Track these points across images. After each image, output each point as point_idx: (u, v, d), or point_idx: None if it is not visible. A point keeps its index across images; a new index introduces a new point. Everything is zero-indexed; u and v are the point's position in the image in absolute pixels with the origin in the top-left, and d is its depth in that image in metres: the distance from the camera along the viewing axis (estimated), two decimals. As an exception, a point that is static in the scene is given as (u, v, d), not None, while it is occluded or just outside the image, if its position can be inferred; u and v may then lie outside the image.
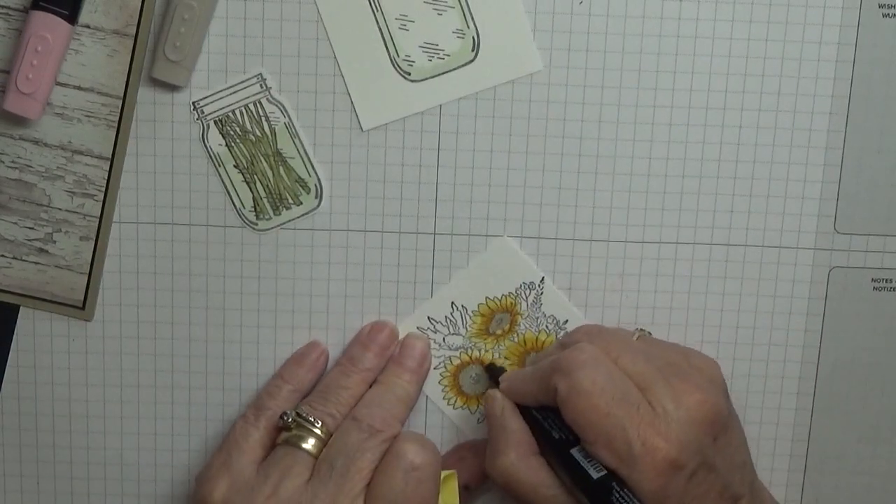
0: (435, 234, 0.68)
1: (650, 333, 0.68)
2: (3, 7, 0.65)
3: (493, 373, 0.68)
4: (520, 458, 0.62)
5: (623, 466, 0.60)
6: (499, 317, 0.68)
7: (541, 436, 0.63)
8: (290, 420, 0.64)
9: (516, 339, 0.69)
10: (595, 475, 0.60)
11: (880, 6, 0.65)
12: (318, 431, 0.64)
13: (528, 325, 0.68)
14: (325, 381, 0.67)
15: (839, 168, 0.67)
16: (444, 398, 0.69)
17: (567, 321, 0.68)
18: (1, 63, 0.65)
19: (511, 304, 0.68)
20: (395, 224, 0.68)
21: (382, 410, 0.65)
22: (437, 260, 0.68)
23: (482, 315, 0.68)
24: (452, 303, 0.68)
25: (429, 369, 0.69)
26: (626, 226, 0.67)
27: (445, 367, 0.69)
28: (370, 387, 0.67)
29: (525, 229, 0.68)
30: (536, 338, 0.69)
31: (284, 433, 0.65)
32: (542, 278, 0.68)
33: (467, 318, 0.68)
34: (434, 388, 0.69)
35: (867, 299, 0.68)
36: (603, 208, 0.67)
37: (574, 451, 0.61)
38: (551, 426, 0.62)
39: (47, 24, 0.63)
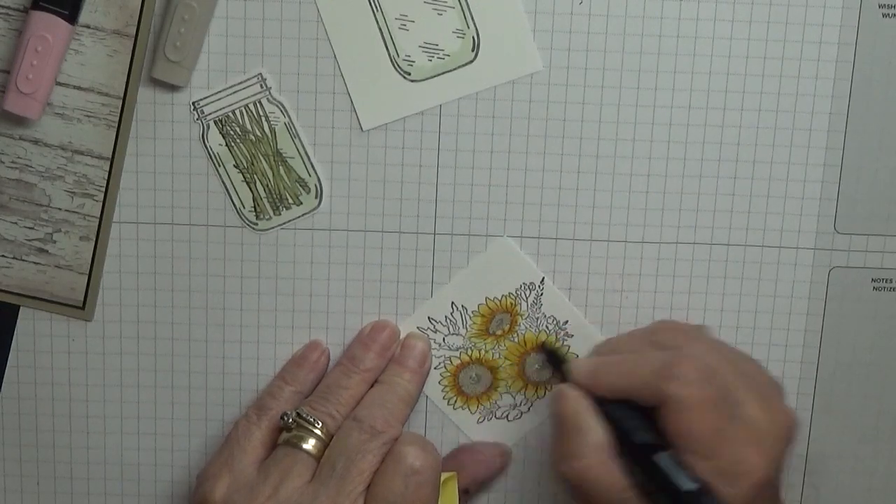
0: (435, 234, 0.68)
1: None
2: (3, 7, 0.65)
3: (555, 357, 0.66)
4: (600, 461, 0.60)
5: (722, 481, 0.59)
6: (499, 317, 0.68)
7: (617, 435, 0.61)
8: (290, 420, 0.64)
9: (516, 340, 0.69)
10: (685, 486, 0.59)
11: (880, 6, 0.65)
12: (318, 432, 0.64)
13: (528, 326, 0.68)
14: (325, 381, 0.67)
15: (839, 168, 0.67)
16: (444, 398, 0.69)
17: (567, 321, 0.68)
18: (1, 63, 0.65)
19: (511, 304, 0.68)
20: (395, 224, 0.68)
21: (384, 411, 0.65)
22: (437, 260, 0.68)
23: (482, 315, 0.68)
24: (452, 303, 0.68)
25: (430, 369, 0.68)
26: (626, 226, 0.67)
27: (445, 367, 0.69)
28: (371, 387, 0.67)
29: (525, 229, 0.68)
30: (536, 338, 0.69)
31: (285, 433, 0.64)
32: (542, 279, 0.68)
33: (467, 318, 0.68)
34: (434, 388, 0.69)
35: (867, 299, 0.68)
36: (603, 208, 0.67)
37: (662, 458, 0.59)
38: (633, 427, 0.60)
39: (47, 24, 0.63)
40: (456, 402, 0.69)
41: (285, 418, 0.64)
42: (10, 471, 0.70)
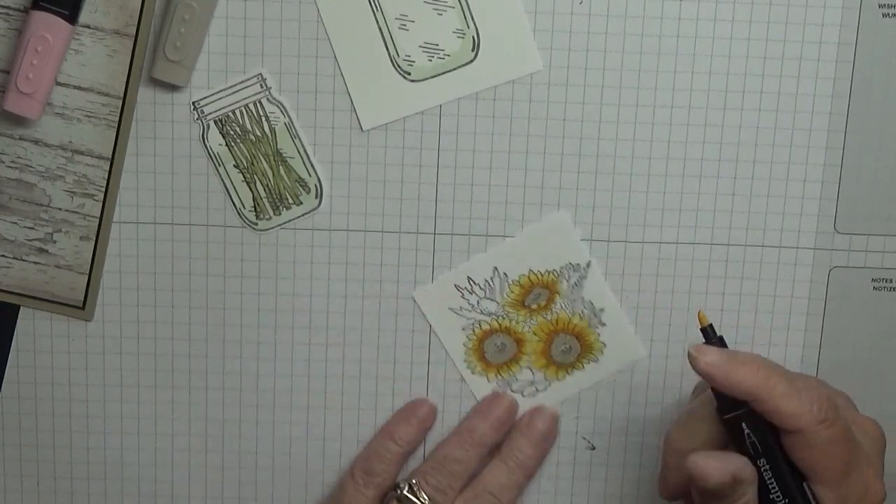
0: (435, 234, 0.68)
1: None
2: (3, 7, 0.65)
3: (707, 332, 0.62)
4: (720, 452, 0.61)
5: None
6: (537, 291, 0.68)
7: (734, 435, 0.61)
8: (400, 493, 0.66)
9: (549, 317, 0.68)
10: None
11: (880, 6, 0.65)
12: None
13: (563, 306, 0.68)
14: (441, 451, 0.68)
15: (839, 168, 0.67)
16: (465, 360, 0.69)
17: (603, 309, 0.68)
18: (1, 63, 0.65)
19: (553, 281, 0.68)
20: (395, 224, 0.68)
21: (495, 500, 0.66)
22: (437, 260, 0.68)
23: (521, 286, 0.68)
24: (495, 268, 0.68)
25: (554, 441, 0.69)
26: (627, 226, 0.67)
27: (473, 330, 0.69)
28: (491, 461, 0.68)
29: (525, 229, 0.67)
30: (570, 319, 0.68)
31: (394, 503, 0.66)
32: (589, 262, 0.67)
33: (506, 286, 0.68)
34: (458, 349, 0.69)
35: (867, 299, 0.68)
36: (603, 208, 0.67)
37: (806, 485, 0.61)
38: (773, 443, 0.60)
39: (47, 24, 0.63)
40: (476, 367, 0.69)
41: (397, 490, 0.66)
42: (10, 471, 0.70)
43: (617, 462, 0.70)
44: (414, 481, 0.66)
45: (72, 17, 0.64)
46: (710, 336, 0.62)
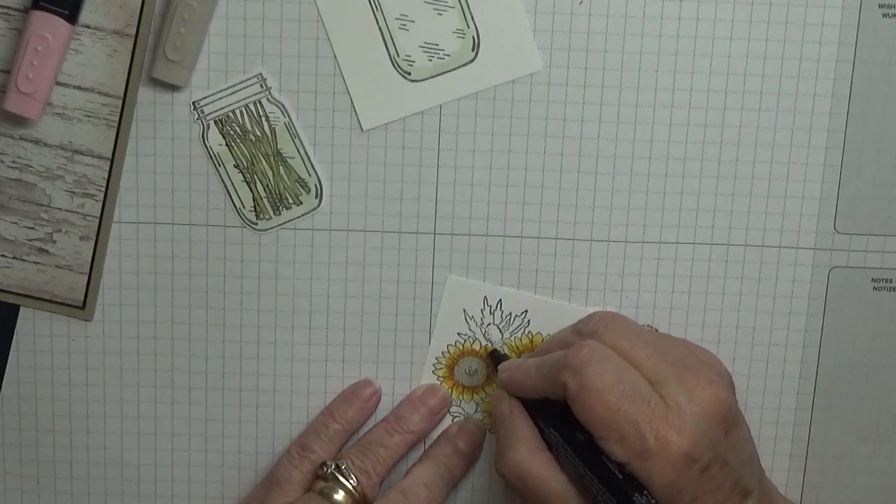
0: (435, 234, 0.68)
1: (657, 329, 0.68)
2: (3, 7, 0.65)
3: (496, 359, 0.68)
4: (530, 451, 0.62)
5: (637, 460, 0.59)
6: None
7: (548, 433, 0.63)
8: (327, 472, 0.66)
9: None
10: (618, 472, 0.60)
11: (880, 6, 0.65)
12: (350, 487, 0.65)
13: None
14: (368, 435, 0.68)
15: (839, 168, 0.67)
16: (436, 358, 0.69)
17: None
18: (1, 63, 0.65)
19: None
20: (395, 224, 0.68)
21: (429, 493, 0.66)
22: (437, 260, 0.68)
23: (532, 342, 0.68)
24: (526, 311, 0.68)
25: (479, 457, 0.69)
26: (626, 226, 0.67)
27: (465, 342, 0.68)
28: (412, 453, 0.68)
29: (525, 229, 0.68)
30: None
31: (320, 482, 0.66)
32: None
33: (522, 331, 0.68)
34: (441, 345, 0.69)
35: (867, 299, 0.68)
36: (603, 208, 0.67)
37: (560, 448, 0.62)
38: (548, 423, 0.63)
39: (47, 24, 0.63)
40: (440, 370, 0.69)
41: (324, 468, 0.66)
42: (10, 471, 0.70)
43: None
44: (341, 461, 0.66)
45: (72, 17, 0.64)
46: (498, 357, 0.68)
